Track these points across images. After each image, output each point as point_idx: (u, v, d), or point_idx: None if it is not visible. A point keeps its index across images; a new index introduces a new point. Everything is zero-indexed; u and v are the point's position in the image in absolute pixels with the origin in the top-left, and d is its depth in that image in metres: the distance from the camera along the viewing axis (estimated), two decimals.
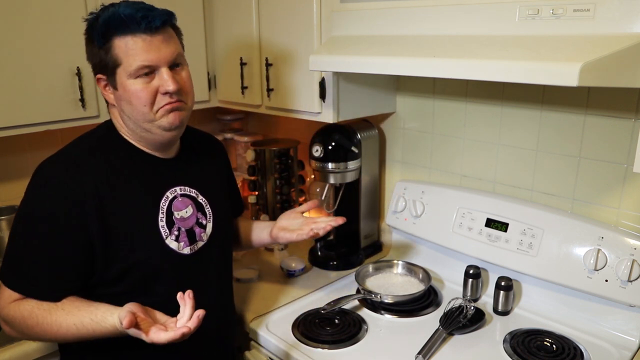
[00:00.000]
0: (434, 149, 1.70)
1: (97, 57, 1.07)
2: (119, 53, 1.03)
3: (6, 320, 1.07)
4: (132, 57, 1.03)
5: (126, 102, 1.07)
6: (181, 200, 1.17)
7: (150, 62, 1.03)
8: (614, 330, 1.31)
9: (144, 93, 1.05)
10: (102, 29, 1.03)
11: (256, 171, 2.01)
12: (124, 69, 1.04)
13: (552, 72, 0.92)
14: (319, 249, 1.80)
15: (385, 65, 1.19)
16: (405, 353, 1.26)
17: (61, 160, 1.09)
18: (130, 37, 1.02)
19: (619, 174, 1.32)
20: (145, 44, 1.03)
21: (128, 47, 1.02)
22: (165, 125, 1.09)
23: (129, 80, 1.04)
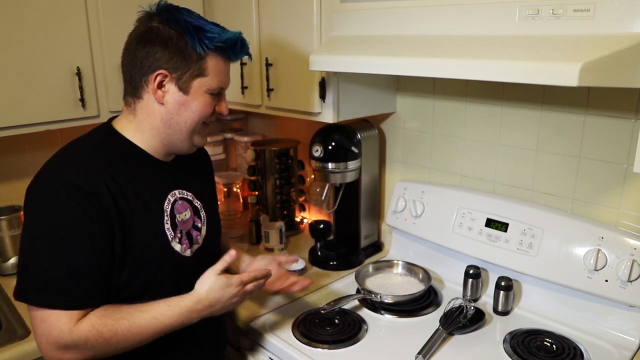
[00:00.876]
0: (434, 149, 1.70)
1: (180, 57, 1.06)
2: (209, 67, 1.08)
3: (77, 344, 1.00)
4: (218, 76, 1.09)
5: (186, 108, 1.09)
6: (181, 204, 1.18)
7: (226, 85, 1.14)
8: (614, 330, 1.31)
9: (209, 108, 1.11)
10: (206, 39, 1.06)
11: (256, 171, 2.02)
12: (207, 82, 1.08)
13: (552, 72, 0.92)
14: (319, 249, 1.80)
15: (385, 65, 1.19)
16: (405, 353, 1.26)
17: (67, 164, 1.06)
18: (223, 59, 1.10)
19: (619, 174, 1.32)
20: (227, 68, 1.13)
21: (219, 67, 1.09)
22: (199, 143, 1.16)
23: (204, 94, 1.09)
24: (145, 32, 1.06)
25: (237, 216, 2.13)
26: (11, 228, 1.68)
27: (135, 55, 1.07)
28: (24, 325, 1.37)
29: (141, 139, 1.13)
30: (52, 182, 1.03)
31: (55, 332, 0.99)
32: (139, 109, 1.11)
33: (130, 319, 1.03)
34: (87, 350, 1.01)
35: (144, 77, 1.07)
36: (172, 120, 1.10)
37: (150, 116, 1.10)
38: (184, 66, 1.06)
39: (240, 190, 2.19)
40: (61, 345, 1.00)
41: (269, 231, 1.84)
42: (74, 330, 1.00)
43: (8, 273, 1.65)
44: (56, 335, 0.99)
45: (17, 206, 1.74)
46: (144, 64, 1.06)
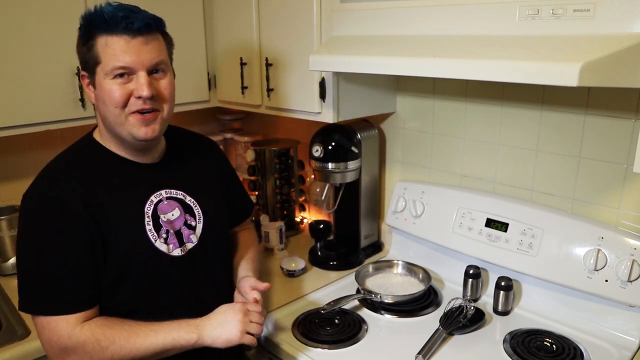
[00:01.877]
0: (434, 149, 1.70)
1: (80, 54, 1.08)
2: (99, 51, 1.03)
3: (75, 348, 1.03)
4: (110, 56, 1.02)
5: (101, 101, 1.07)
6: (167, 203, 1.17)
7: (127, 63, 1.03)
8: (614, 330, 1.31)
9: (117, 94, 1.04)
10: (85, 25, 1.04)
11: (256, 171, 2.02)
12: (102, 68, 1.04)
13: (552, 72, 0.92)
14: (319, 249, 1.80)
15: (385, 65, 1.19)
16: (405, 353, 1.26)
17: (44, 181, 1.09)
18: (111, 37, 1.02)
19: (619, 174, 1.32)
20: (125, 44, 1.02)
21: (107, 46, 1.02)
22: (140, 136, 1.08)
23: (105, 80, 1.04)
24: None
25: None
26: (11, 228, 1.68)
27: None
28: (24, 325, 1.37)
29: (110, 143, 1.14)
30: (32, 196, 1.07)
31: (56, 338, 1.03)
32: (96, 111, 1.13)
33: (130, 330, 1.05)
34: (86, 356, 1.03)
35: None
36: (102, 117, 1.10)
37: (99, 120, 1.13)
38: (85, 62, 1.07)
39: None
40: (62, 350, 1.04)
41: (269, 231, 1.84)
42: (72, 335, 1.03)
43: (8, 273, 1.65)
44: (57, 340, 1.03)
45: (17, 206, 1.73)
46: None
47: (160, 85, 1.08)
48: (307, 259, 1.77)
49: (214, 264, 1.27)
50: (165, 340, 1.06)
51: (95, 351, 1.03)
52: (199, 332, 1.09)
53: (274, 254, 1.83)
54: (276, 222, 1.88)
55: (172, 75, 1.13)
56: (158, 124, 1.10)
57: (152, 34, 1.06)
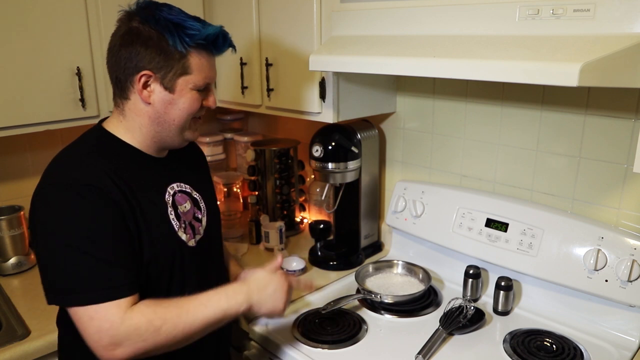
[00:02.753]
0: (434, 149, 1.70)
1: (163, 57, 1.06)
2: (192, 64, 1.08)
3: (129, 333, 0.99)
4: (202, 72, 1.09)
5: (174, 106, 1.10)
6: (180, 196, 1.20)
7: (212, 80, 1.13)
8: (614, 330, 1.31)
9: (197, 104, 1.11)
10: (186, 36, 1.05)
11: (256, 171, 2.02)
12: (192, 80, 1.08)
13: (552, 72, 0.92)
14: (319, 249, 1.80)
15: (385, 65, 1.19)
16: (405, 353, 1.26)
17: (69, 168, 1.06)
18: (206, 54, 1.09)
19: (619, 174, 1.32)
20: (212, 62, 1.12)
21: (202, 62, 1.09)
22: (191, 138, 1.17)
23: (191, 91, 1.09)
24: (126, 32, 1.07)
25: (237, 216, 2.13)
26: (11, 228, 1.68)
27: (119, 57, 1.08)
28: (24, 325, 1.38)
29: (132, 137, 1.14)
30: (61, 186, 1.03)
31: (108, 325, 0.99)
32: (127, 110, 1.12)
33: (179, 306, 1.05)
34: (139, 341, 1.00)
35: (128, 78, 1.08)
36: (160, 118, 1.11)
37: (139, 116, 1.12)
38: (167, 65, 1.06)
39: (240, 190, 2.19)
40: (115, 339, 0.99)
41: (269, 231, 1.84)
42: (125, 319, 0.99)
43: (8, 273, 1.65)
44: (109, 327, 0.98)
45: (17, 206, 1.74)
46: (127, 66, 1.07)
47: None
48: (307, 259, 1.77)
49: (216, 256, 1.30)
50: (216, 313, 1.07)
51: (149, 333, 1.00)
52: (249, 301, 1.12)
53: (274, 254, 1.83)
54: (276, 222, 1.88)
55: None
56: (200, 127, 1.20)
57: None
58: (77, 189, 1.02)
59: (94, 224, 1.02)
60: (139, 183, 1.11)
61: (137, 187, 1.10)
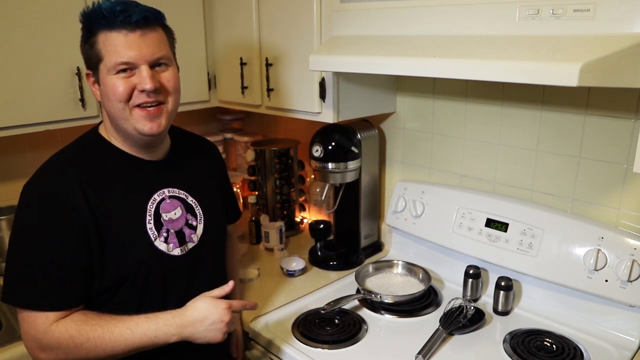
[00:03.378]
0: (434, 149, 1.70)
1: (83, 52, 1.08)
2: (101, 48, 1.03)
3: (50, 345, 1.03)
4: (111, 52, 1.03)
5: (106, 97, 1.06)
6: (169, 202, 1.17)
7: (129, 58, 1.03)
8: (614, 330, 1.31)
9: (121, 88, 1.04)
10: (86, 23, 1.05)
11: (256, 171, 2.02)
12: (105, 65, 1.04)
13: (552, 72, 0.92)
14: (319, 249, 1.80)
15: (385, 65, 1.19)
16: (405, 353, 1.26)
17: (44, 174, 1.08)
18: (110, 32, 1.02)
19: (619, 174, 1.32)
20: (126, 39, 1.02)
21: (108, 42, 1.02)
22: (143, 129, 1.07)
23: (108, 76, 1.04)
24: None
25: None
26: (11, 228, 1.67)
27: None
28: None
29: (115, 139, 1.13)
30: (31, 189, 1.06)
31: (33, 332, 1.03)
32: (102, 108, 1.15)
33: (105, 327, 1.03)
34: (61, 353, 1.03)
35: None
36: (108, 114, 1.10)
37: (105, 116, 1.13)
38: (88, 60, 1.07)
39: (240, 190, 2.19)
40: (38, 345, 1.04)
41: (269, 231, 1.84)
42: (48, 331, 1.03)
43: None
44: (34, 333, 1.03)
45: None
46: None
47: (163, 78, 1.08)
48: (307, 259, 1.77)
49: (211, 264, 1.27)
50: (142, 340, 1.04)
51: (70, 348, 1.02)
52: (180, 334, 1.06)
53: (274, 254, 1.83)
54: (276, 222, 1.88)
55: (175, 68, 1.12)
56: (164, 118, 1.09)
57: (151, 26, 1.05)
58: (40, 196, 1.05)
59: (46, 234, 1.03)
60: (117, 190, 1.10)
61: (114, 195, 1.09)
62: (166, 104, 1.10)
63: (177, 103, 1.13)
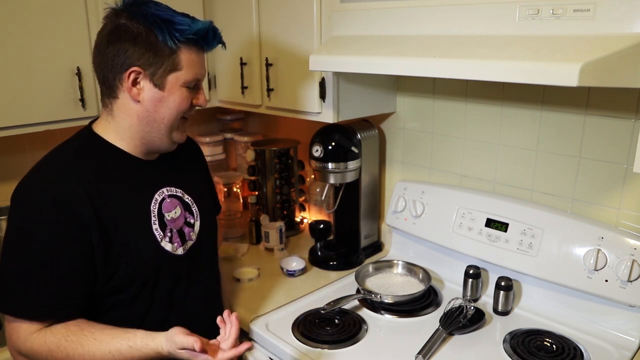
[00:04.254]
0: (434, 149, 1.70)
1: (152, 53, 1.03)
2: (182, 60, 1.05)
3: (28, 355, 1.02)
4: (192, 68, 1.06)
5: (164, 104, 1.06)
6: (169, 202, 1.16)
7: (202, 77, 1.11)
8: (614, 330, 1.31)
9: (187, 102, 1.09)
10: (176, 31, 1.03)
11: (256, 171, 2.02)
12: (182, 76, 1.06)
13: (552, 72, 0.92)
14: (319, 249, 1.80)
15: (385, 65, 1.19)
16: (405, 353, 1.26)
17: (44, 176, 1.05)
18: (196, 50, 1.06)
19: (619, 174, 1.32)
20: (202, 58, 1.09)
21: (192, 59, 1.06)
22: (178, 139, 1.14)
23: (180, 88, 1.07)
24: (113, 29, 1.03)
25: (237, 216, 2.13)
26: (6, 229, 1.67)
27: (106, 54, 1.04)
28: None
29: (121, 139, 1.11)
30: (30, 192, 1.03)
31: (15, 337, 1.03)
32: (116, 109, 1.09)
33: (86, 346, 1.01)
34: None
35: (117, 76, 1.05)
36: (149, 117, 1.08)
37: (128, 115, 1.08)
38: (157, 62, 1.03)
39: (240, 190, 2.19)
40: (17, 351, 1.04)
41: (269, 231, 1.84)
42: (27, 341, 1.02)
43: None
44: (15, 339, 1.03)
45: None
46: (115, 63, 1.03)
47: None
48: (307, 259, 1.77)
49: (209, 261, 1.28)
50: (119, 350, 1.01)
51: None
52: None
53: (274, 254, 1.83)
54: (276, 222, 1.87)
55: None
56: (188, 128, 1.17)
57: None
58: (43, 199, 1.01)
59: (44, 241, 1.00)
60: (122, 192, 1.09)
61: (119, 198, 1.07)
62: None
63: None
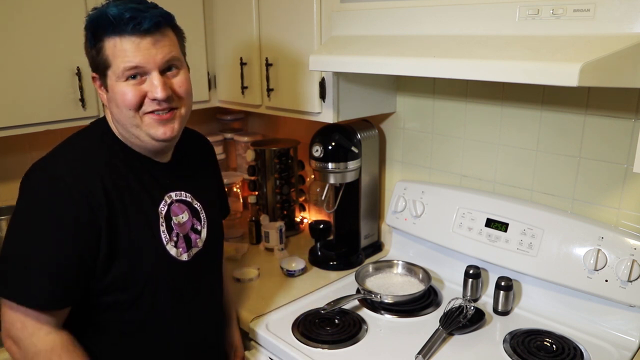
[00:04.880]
0: (434, 149, 1.70)
1: (89, 56, 1.04)
2: (108, 54, 0.99)
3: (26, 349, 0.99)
4: (120, 58, 0.98)
5: (114, 104, 1.02)
6: (178, 206, 1.13)
7: (139, 64, 0.98)
8: (614, 330, 1.31)
9: (130, 96, 1.00)
10: (92, 29, 1.00)
11: (256, 171, 2.02)
12: (113, 71, 0.99)
13: (552, 72, 0.92)
14: (319, 249, 1.80)
15: (385, 65, 1.19)
16: (405, 353, 1.26)
17: (63, 160, 1.03)
18: (119, 39, 0.97)
19: (619, 174, 1.32)
20: (134, 45, 0.97)
21: (116, 48, 0.98)
22: (158, 136, 1.04)
23: (117, 83, 1.00)
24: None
25: (237, 216, 2.13)
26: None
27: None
28: None
29: (126, 139, 1.09)
30: (44, 176, 1.00)
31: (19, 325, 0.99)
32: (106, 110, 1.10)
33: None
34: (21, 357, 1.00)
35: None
36: (116, 120, 1.06)
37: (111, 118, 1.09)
38: (95, 64, 1.02)
39: (240, 190, 2.19)
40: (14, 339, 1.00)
41: (269, 231, 1.84)
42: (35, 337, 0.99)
43: None
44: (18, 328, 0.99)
45: None
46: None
47: (174, 84, 1.04)
48: (307, 259, 1.77)
49: (214, 270, 1.25)
50: None
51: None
52: None
53: (274, 254, 1.83)
54: (276, 222, 1.88)
55: (186, 70, 1.08)
56: (177, 122, 1.06)
57: (162, 31, 1.00)
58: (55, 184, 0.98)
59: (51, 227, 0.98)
60: (135, 189, 1.06)
61: (132, 194, 1.05)
62: (179, 109, 1.06)
63: (190, 106, 1.10)
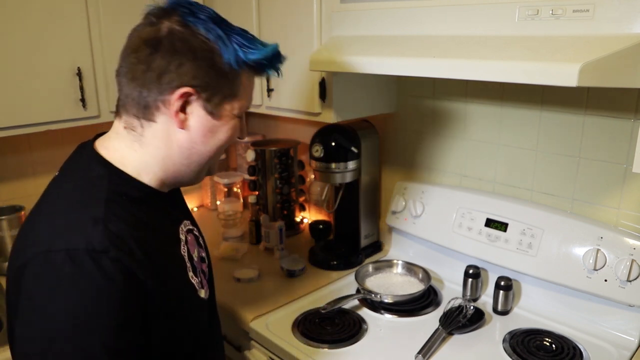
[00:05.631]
0: (434, 149, 1.70)
1: (213, 73, 0.84)
2: (240, 87, 0.88)
3: None
4: (249, 95, 0.91)
5: (214, 135, 0.88)
6: (190, 239, 0.98)
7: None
8: (613, 330, 1.31)
9: (236, 134, 0.93)
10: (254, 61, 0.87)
11: (256, 171, 2.02)
12: (238, 105, 0.89)
13: (552, 73, 0.92)
14: (319, 249, 1.80)
15: (385, 65, 1.20)
16: (405, 353, 1.27)
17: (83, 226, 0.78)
18: (256, 76, 0.92)
19: (618, 174, 1.32)
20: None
21: (249, 83, 0.90)
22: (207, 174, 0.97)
23: (235, 118, 0.90)
24: (165, 36, 0.82)
25: (237, 216, 2.13)
26: (12, 228, 1.68)
27: (150, 66, 0.82)
28: None
29: (148, 172, 0.89)
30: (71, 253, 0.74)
31: None
32: (149, 136, 0.86)
33: None
34: None
35: (161, 96, 0.83)
36: (193, 149, 0.88)
37: (166, 144, 0.87)
38: (216, 85, 0.85)
39: (240, 190, 2.19)
40: None
41: (269, 231, 1.84)
42: None
43: None
44: None
45: (18, 206, 1.74)
46: (162, 79, 0.82)
47: None
48: (307, 259, 1.77)
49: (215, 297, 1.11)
50: None
51: None
52: None
53: (274, 254, 1.83)
54: (276, 222, 1.87)
55: None
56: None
57: None
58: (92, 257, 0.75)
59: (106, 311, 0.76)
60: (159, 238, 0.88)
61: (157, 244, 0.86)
62: None
63: None
